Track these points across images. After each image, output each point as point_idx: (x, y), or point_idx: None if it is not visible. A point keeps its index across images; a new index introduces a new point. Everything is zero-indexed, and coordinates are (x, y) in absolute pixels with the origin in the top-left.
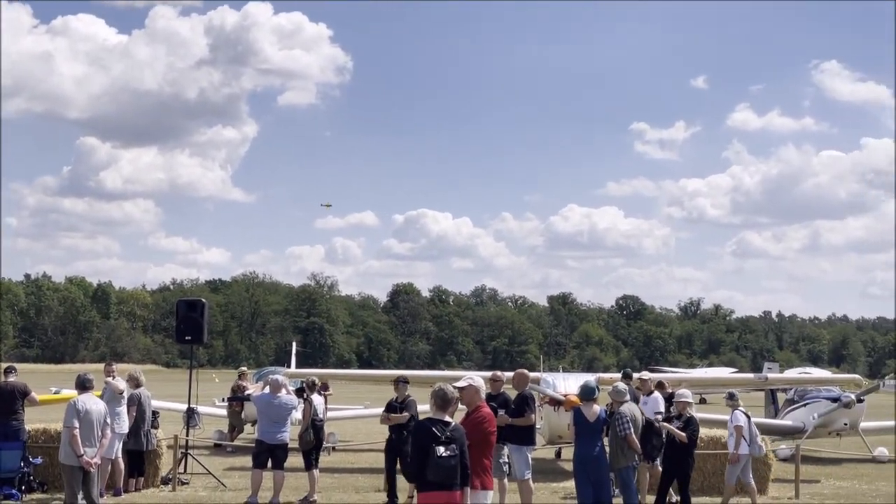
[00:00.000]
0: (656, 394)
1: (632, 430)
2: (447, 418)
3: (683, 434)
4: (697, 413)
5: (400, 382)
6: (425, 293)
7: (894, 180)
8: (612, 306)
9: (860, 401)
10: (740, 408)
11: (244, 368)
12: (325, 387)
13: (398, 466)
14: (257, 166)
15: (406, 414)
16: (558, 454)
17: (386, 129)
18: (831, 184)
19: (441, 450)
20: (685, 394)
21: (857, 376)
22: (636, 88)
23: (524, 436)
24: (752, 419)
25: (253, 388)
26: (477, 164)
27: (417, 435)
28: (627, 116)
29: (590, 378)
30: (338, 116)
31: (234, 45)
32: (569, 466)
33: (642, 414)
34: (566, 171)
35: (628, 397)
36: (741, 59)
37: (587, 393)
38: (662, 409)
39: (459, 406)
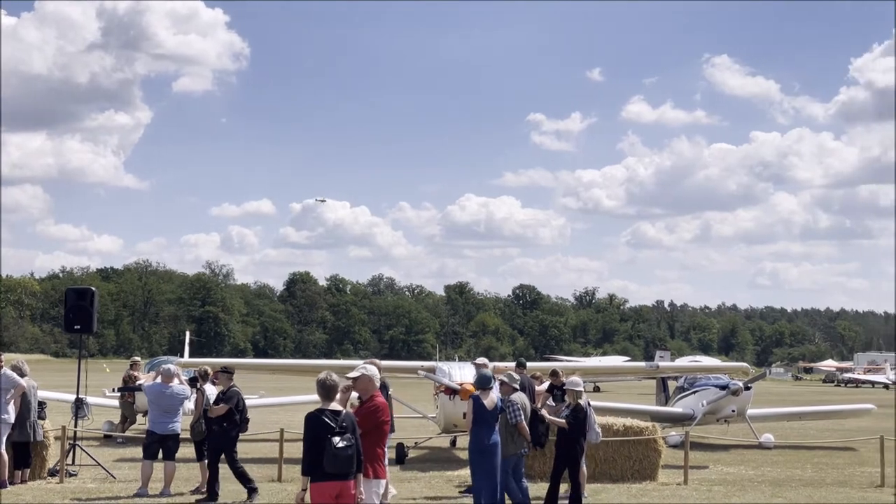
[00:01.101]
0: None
1: (522, 417)
2: (337, 407)
3: (563, 421)
4: (594, 401)
5: (222, 373)
6: (322, 282)
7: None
8: (509, 295)
9: (747, 388)
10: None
11: (136, 358)
12: (215, 376)
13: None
14: (151, 153)
15: (224, 406)
16: (453, 443)
17: (283, 117)
18: (722, 176)
19: (337, 440)
20: (576, 382)
21: (744, 364)
22: (533, 79)
23: None
24: (592, 406)
25: (145, 379)
26: (375, 153)
27: (311, 426)
28: (524, 107)
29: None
30: (234, 103)
31: (127, 30)
32: (464, 455)
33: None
34: (463, 160)
35: (517, 384)
36: (635, 52)
37: (483, 382)
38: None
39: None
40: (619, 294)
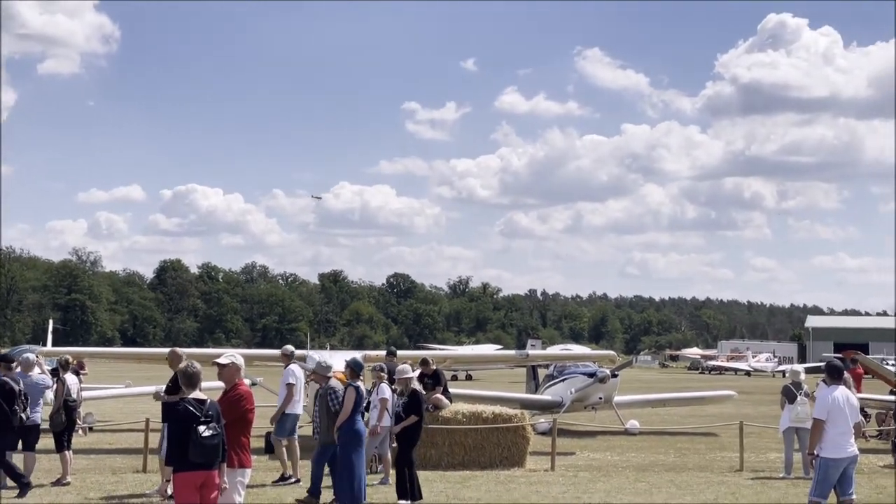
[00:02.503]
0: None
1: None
2: (201, 396)
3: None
4: (464, 389)
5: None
6: (194, 270)
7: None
8: (383, 284)
9: (614, 376)
10: (385, 382)
11: None
12: (80, 366)
13: None
14: (15, 136)
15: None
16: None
17: (154, 102)
18: (593, 167)
19: (202, 429)
20: (404, 370)
21: (611, 352)
22: (407, 69)
23: None
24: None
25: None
26: (248, 139)
27: (175, 416)
28: (399, 96)
29: (357, 355)
30: (104, 87)
31: None
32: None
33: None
34: (338, 148)
35: (332, 372)
36: (509, 44)
37: (358, 368)
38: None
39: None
40: (492, 283)
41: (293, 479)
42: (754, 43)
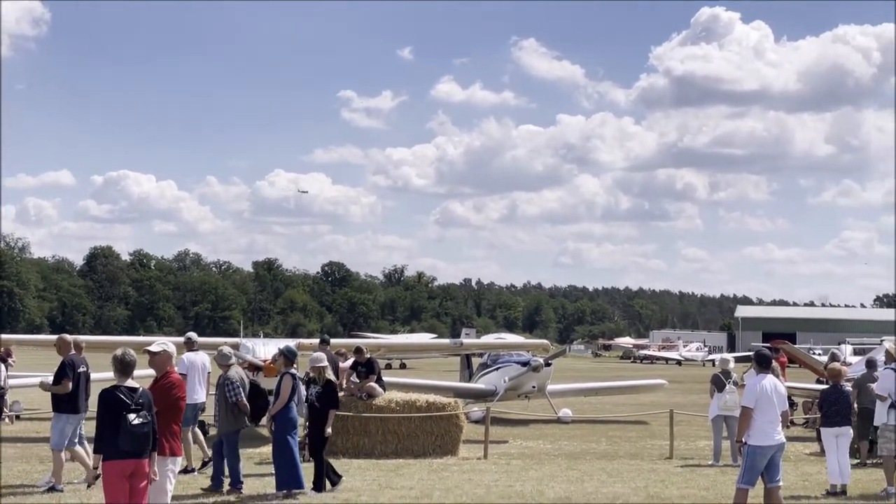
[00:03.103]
0: None
1: (242, 394)
2: (133, 384)
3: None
4: (398, 378)
5: None
6: (125, 257)
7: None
8: (318, 273)
9: (548, 364)
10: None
11: None
12: (8, 353)
13: None
14: None
15: None
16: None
17: (86, 86)
18: (529, 157)
19: (132, 417)
20: (318, 358)
21: (545, 341)
22: (343, 56)
23: None
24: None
25: None
26: (182, 126)
27: (106, 403)
28: (334, 84)
29: (290, 343)
30: (33, 70)
31: None
32: (266, 431)
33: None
34: (273, 136)
35: (233, 360)
36: (445, 32)
37: (292, 356)
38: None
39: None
40: (427, 272)
41: (191, 469)
42: (687, 36)
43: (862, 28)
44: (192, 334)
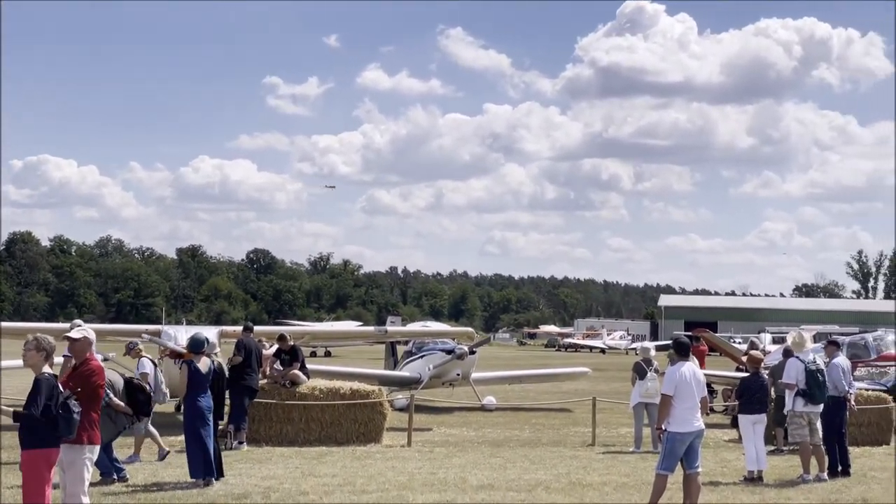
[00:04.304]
0: None
1: (112, 395)
2: (52, 371)
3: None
4: (323, 366)
5: None
6: (45, 243)
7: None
8: (243, 260)
9: (472, 352)
10: (145, 356)
11: None
12: None
13: None
14: None
15: None
16: (178, 407)
17: (6, 69)
18: (455, 146)
19: (73, 404)
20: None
21: (469, 329)
22: (269, 43)
23: None
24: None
25: None
26: (105, 110)
27: (38, 392)
28: (260, 70)
29: (213, 330)
30: None
31: None
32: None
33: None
34: (198, 122)
35: (112, 355)
36: (372, 20)
37: (196, 345)
38: None
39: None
40: (353, 260)
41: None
42: (613, 27)
43: (783, 22)
44: (78, 321)
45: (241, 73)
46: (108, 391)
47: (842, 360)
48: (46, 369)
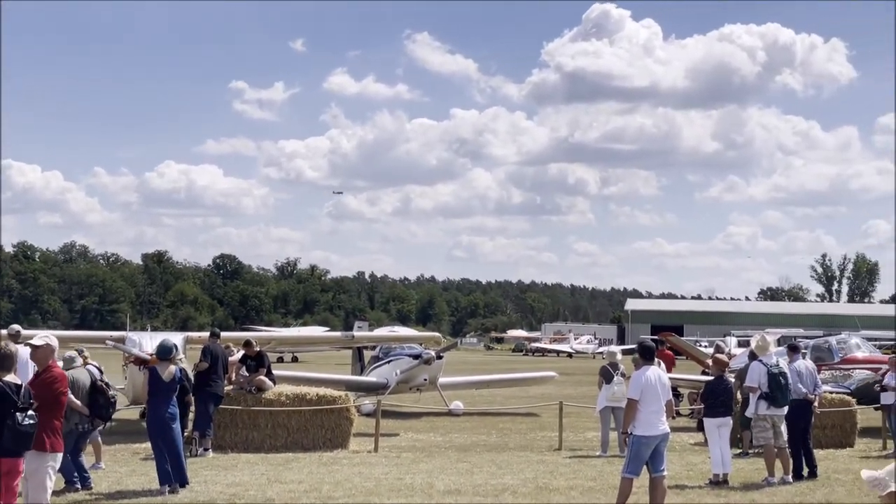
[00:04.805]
0: None
1: (69, 394)
2: (15, 380)
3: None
4: (289, 371)
5: None
6: (8, 249)
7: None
8: (209, 265)
9: (439, 357)
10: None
11: None
12: None
13: None
14: None
15: None
16: (143, 414)
17: None
18: (422, 150)
19: (20, 416)
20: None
21: (436, 334)
22: (234, 47)
23: None
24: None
25: None
26: (69, 115)
27: None
28: (226, 75)
29: (178, 337)
30: None
31: None
32: None
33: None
34: (163, 126)
35: (78, 364)
36: (338, 25)
37: (164, 352)
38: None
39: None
40: (320, 265)
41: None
42: (579, 32)
43: (747, 27)
44: (16, 327)
45: (207, 78)
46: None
47: (801, 363)
48: (10, 378)
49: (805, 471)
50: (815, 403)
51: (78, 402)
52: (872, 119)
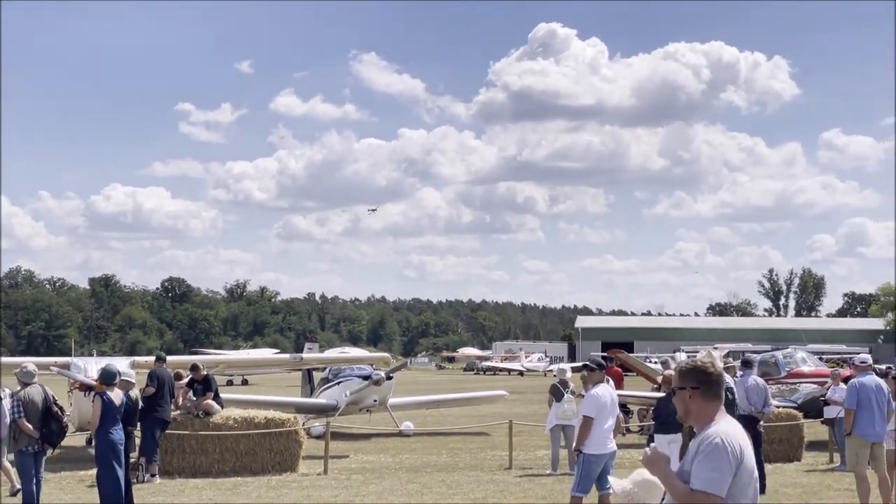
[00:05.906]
0: None
1: (23, 414)
2: None
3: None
4: (239, 395)
5: None
6: None
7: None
8: (158, 288)
9: (389, 378)
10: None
11: None
12: None
13: None
14: None
15: None
16: (89, 441)
17: None
18: (371, 170)
19: None
20: (128, 373)
21: (386, 354)
22: (181, 69)
23: None
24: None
25: None
26: (12, 138)
27: None
28: (172, 97)
29: (125, 361)
30: None
31: None
32: None
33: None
34: (109, 149)
35: (35, 380)
36: (285, 46)
37: (108, 377)
38: None
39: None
40: (270, 286)
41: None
42: (525, 51)
43: (691, 46)
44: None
45: (153, 100)
46: (21, 407)
47: (751, 379)
48: None
49: None
50: (762, 422)
51: (29, 426)
52: (816, 135)
